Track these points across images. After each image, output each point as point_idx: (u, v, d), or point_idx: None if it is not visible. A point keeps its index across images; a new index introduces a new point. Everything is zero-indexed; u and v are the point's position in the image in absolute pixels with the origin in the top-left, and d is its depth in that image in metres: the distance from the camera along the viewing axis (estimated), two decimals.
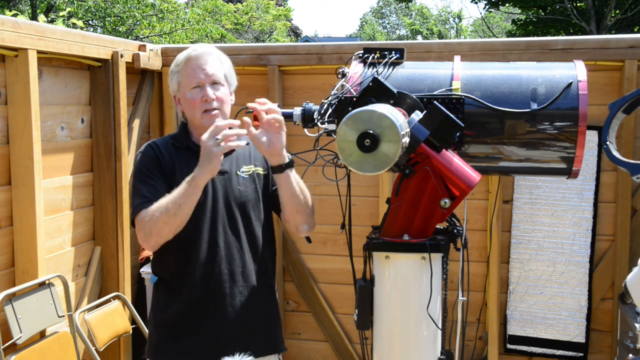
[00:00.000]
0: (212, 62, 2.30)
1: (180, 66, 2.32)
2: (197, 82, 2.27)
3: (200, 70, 2.27)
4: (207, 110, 2.27)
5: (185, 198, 2.12)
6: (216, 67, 2.30)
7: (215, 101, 2.27)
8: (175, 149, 2.34)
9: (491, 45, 3.74)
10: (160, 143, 2.37)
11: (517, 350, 3.81)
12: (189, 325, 2.29)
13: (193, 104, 2.28)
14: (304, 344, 4.15)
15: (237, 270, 2.29)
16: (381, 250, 1.85)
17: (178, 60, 2.33)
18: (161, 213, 2.15)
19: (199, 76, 2.27)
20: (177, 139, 2.38)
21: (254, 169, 2.38)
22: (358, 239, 1.99)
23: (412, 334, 1.86)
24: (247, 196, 2.34)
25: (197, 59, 2.29)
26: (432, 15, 39.32)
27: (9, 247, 3.04)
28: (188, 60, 2.30)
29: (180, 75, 2.31)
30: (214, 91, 2.27)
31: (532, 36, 15.99)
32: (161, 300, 2.37)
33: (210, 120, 2.24)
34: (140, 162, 2.31)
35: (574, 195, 3.67)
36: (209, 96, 2.26)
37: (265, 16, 27.48)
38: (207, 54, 2.31)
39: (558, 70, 1.93)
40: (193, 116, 2.31)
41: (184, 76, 2.30)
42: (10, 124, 3.01)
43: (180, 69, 2.31)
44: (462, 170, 1.82)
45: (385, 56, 2.00)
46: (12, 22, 2.90)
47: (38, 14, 15.72)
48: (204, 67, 2.28)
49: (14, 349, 2.90)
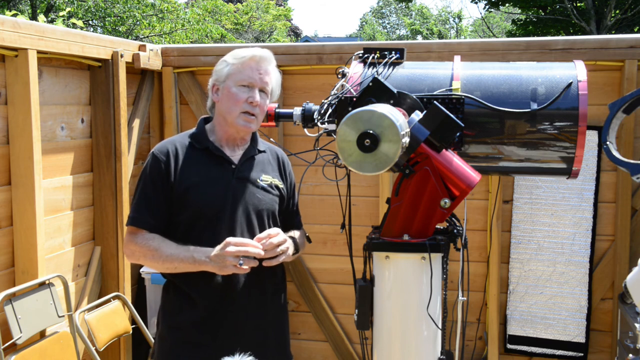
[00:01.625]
0: (271, 70, 2.31)
1: (239, 60, 2.28)
2: (250, 82, 2.25)
3: (258, 72, 2.26)
4: (248, 112, 2.25)
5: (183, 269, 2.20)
6: (271, 78, 2.31)
7: (258, 107, 2.25)
8: (193, 150, 2.31)
9: (491, 45, 3.73)
10: (179, 144, 2.33)
11: (517, 350, 3.81)
12: (204, 331, 2.28)
13: (236, 101, 2.25)
14: (304, 344, 4.15)
15: (253, 278, 2.28)
16: (381, 250, 1.85)
17: (239, 54, 2.29)
18: (153, 258, 2.23)
19: (255, 77, 2.26)
20: (196, 139, 2.34)
21: (272, 180, 2.38)
22: (358, 239, 1.99)
23: (412, 334, 1.86)
24: (265, 204, 2.33)
25: (260, 60, 2.28)
26: (432, 15, 39.33)
27: (9, 247, 3.04)
28: (252, 58, 2.27)
29: (234, 68, 2.28)
30: (260, 98, 2.26)
31: (532, 36, 15.99)
32: (174, 303, 2.34)
33: (247, 123, 2.25)
34: (149, 169, 2.30)
35: (574, 195, 3.67)
36: (256, 100, 2.24)
37: (265, 16, 27.48)
38: (269, 61, 2.31)
39: (558, 70, 1.93)
40: (229, 112, 2.27)
41: (238, 70, 2.27)
42: (10, 124, 3.01)
43: (239, 62, 2.28)
44: (462, 170, 1.82)
45: (385, 56, 2.00)
46: (12, 22, 2.90)
47: (38, 14, 15.73)
48: (262, 72, 2.27)
49: (14, 349, 2.90)
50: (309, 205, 3.92)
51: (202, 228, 2.25)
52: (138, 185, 2.32)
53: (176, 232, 2.27)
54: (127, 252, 2.31)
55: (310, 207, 3.92)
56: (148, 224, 2.26)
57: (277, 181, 2.39)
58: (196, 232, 2.25)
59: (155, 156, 2.29)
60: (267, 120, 2.24)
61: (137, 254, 2.27)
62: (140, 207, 2.27)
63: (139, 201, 2.29)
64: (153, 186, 2.26)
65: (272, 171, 2.41)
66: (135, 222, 2.27)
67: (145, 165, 2.31)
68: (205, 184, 2.26)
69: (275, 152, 2.48)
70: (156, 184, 2.26)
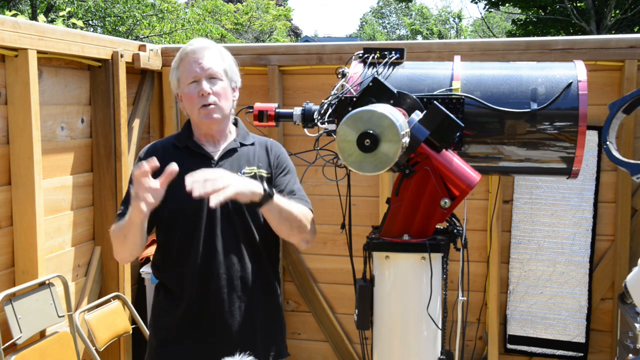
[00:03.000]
0: (209, 55, 2.26)
1: (178, 62, 2.29)
2: (194, 77, 2.23)
3: (196, 64, 2.23)
4: (205, 105, 2.23)
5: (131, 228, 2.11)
6: (213, 61, 2.26)
7: (212, 95, 2.22)
8: (175, 149, 2.31)
9: (491, 45, 3.73)
10: (162, 145, 2.36)
11: (517, 350, 3.81)
12: (187, 331, 2.26)
13: (191, 100, 2.24)
14: (304, 344, 4.15)
15: (236, 275, 2.25)
16: (381, 250, 1.85)
17: (177, 58, 2.30)
18: (116, 237, 2.21)
19: (195, 70, 2.23)
20: (179, 138, 2.36)
21: (256, 171, 2.31)
22: (358, 239, 1.99)
23: (412, 334, 1.86)
24: None
25: (193, 53, 2.25)
26: (432, 15, 39.33)
27: (9, 247, 3.04)
28: (185, 55, 2.26)
29: (179, 71, 2.28)
30: (211, 85, 2.23)
31: (532, 36, 15.99)
32: (161, 304, 2.34)
33: (207, 116, 2.22)
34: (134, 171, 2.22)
35: (574, 195, 3.67)
36: (204, 90, 2.21)
37: (265, 16, 27.48)
38: (204, 48, 2.26)
39: (558, 70, 1.93)
40: (191, 113, 2.28)
41: (182, 71, 2.26)
42: (10, 124, 3.01)
43: (179, 64, 2.28)
44: (462, 170, 1.82)
45: (385, 56, 2.00)
46: (12, 22, 2.90)
47: (38, 14, 15.73)
48: (200, 61, 2.23)
49: (14, 349, 2.90)
50: None
51: (182, 225, 2.24)
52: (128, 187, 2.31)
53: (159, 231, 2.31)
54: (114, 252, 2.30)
55: None
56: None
57: (262, 171, 2.32)
58: (176, 229, 2.25)
59: (141, 158, 2.31)
60: (267, 120, 2.22)
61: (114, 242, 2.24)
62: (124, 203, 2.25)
63: (123, 201, 2.28)
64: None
65: (256, 162, 2.34)
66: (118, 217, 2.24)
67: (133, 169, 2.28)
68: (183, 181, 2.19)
69: (265, 143, 2.42)
70: None
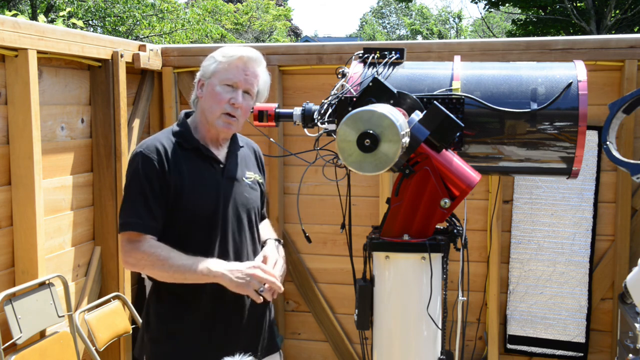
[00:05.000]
0: (259, 72, 2.27)
1: (227, 58, 2.24)
2: (235, 82, 2.22)
3: (244, 73, 2.23)
4: (229, 114, 2.22)
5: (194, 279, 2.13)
6: (256, 80, 2.27)
7: (240, 109, 2.22)
8: (182, 150, 2.24)
9: (491, 45, 3.73)
10: (166, 143, 2.23)
11: (517, 350, 3.81)
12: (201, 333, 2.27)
13: (219, 100, 2.21)
14: (304, 344, 4.15)
15: None
16: (381, 250, 1.85)
17: (227, 53, 2.26)
18: (162, 268, 2.14)
19: (240, 78, 2.22)
20: (183, 138, 2.27)
21: (254, 176, 2.38)
22: (358, 239, 1.99)
23: (412, 334, 1.86)
24: (252, 202, 2.34)
25: (248, 61, 2.24)
26: (432, 15, 39.32)
27: (9, 247, 3.04)
28: (239, 58, 2.24)
29: (221, 66, 2.24)
30: (242, 99, 2.23)
31: (532, 36, 15.99)
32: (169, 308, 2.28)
33: (226, 125, 2.22)
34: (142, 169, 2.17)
35: (574, 195, 3.67)
36: (238, 101, 2.21)
37: (265, 16, 27.47)
38: (257, 63, 2.27)
39: (558, 70, 1.92)
40: (210, 111, 2.24)
41: (224, 69, 2.23)
42: (10, 124, 3.00)
43: (226, 60, 2.24)
44: (462, 170, 1.82)
45: (385, 56, 2.00)
46: (12, 22, 2.90)
47: (38, 14, 15.72)
48: (248, 73, 2.23)
49: (14, 349, 2.90)
50: (309, 205, 3.92)
51: (196, 230, 2.23)
52: (130, 187, 2.20)
53: (169, 235, 2.20)
54: (131, 260, 2.17)
55: (310, 207, 3.93)
56: (151, 227, 2.16)
57: (257, 177, 2.40)
58: (190, 234, 2.22)
59: (146, 155, 2.18)
60: (267, 120, 2.23)
61: (143, 262, 2.15)
62: (139, 210, 2.15)
63: (135, 205, 2.16)
64: (150, 187, 2.16)
65: (252, 167, 2.40)
66: (137, 227, 2.15)
67: (135, 166, 2.19)
68: (198, 185, 2.22)
69: (252, 146, 2.48)
70: (153, 184, 2.16)
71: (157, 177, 2.17)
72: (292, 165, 4.00)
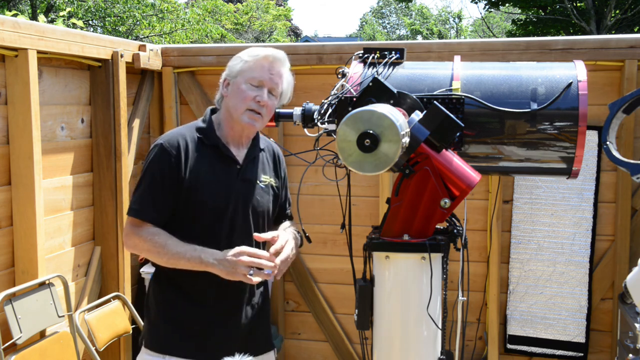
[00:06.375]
0: (283, 73, 2.30)
1: (253, 57, 2.27)
2: (260, 81, 2.24)
3: (269, 72, 2.25)
4: (253, 110, 2.24)
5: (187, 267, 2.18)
6: (281, 80, 2.29)
7: (264, 107, 2.24)
8: (203, 146, 2.29)
9: (491, 45, 3.73)
10: (189, 138, 2.29)
11: (517, 350, 3.81)
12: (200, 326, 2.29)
13: (244, 97, 2.24)
14: (304, 344, 4.15)
15: None
16: (381, 250, 1.85)
17: (253, 52, 2.29)
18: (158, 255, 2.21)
19: (265, 77, 2.24)
20: (205, 135, 2.31)
21: (269, 180, 2.40)
22: (358, 239, 1.99)
23: (412, 334, 1.86)
24: (262, 206, 2.35)
25: (274, 61, 2.27)
26: (432, 15, 39.31)
27: (9, 247, 3.04)
28: (265, 57, 2.27)
29: (247, 65, 2.27)
30: (268, 98, 2.25)
31: (532, 36, 15.99)
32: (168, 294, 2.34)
33: (251, 121, 2.24)
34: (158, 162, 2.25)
35: (574, 195, 3.67)
36: (264, 99, 2.23)
37: (265, 16, 27.47)
38: (283, 63, 2.30)
39: (558, 70, 1.93)
40: (235, 107, 2.26)
41: (250, 68, 2.26)
42: (10, 124, 3.01)
43: (252, 60, 2.27)
44: (462, 170, 1.82)
45: (385, 56, 2.00)
46: (12, 22, 2.90)
47: (38, 14, 15.72)
48: (273, 72, 2.26)
49: (14, 349, 2.90)
50: (309, 205, 3.92)
51: (204, 226, 2.26)
52: (144, 176, 2.28)
53: (176, 227, 2.26)
54: (130, 243, 2.29)
55: (310, 207, 3.92)
56: (152, 217, 2.24)
57: (273, 181, 2.42)
58: (197, 229, 2.25)
59: (165, 149, 2.25)
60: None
61: (140, 247, 2.26)
62: (145, 200, 2.24)
63: (144, 193, 2.25)
64: (161, 180, 2.23)
65: (269, 170, 2.42)
66: (138, 214, 2.24)
67: (153, 156, 2.26)
68: (212, 182, 2.26)
69: (272, 149, 2.50)
70: (165, 178, 2.23)
71: (170, 172, 2.23)
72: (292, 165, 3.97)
